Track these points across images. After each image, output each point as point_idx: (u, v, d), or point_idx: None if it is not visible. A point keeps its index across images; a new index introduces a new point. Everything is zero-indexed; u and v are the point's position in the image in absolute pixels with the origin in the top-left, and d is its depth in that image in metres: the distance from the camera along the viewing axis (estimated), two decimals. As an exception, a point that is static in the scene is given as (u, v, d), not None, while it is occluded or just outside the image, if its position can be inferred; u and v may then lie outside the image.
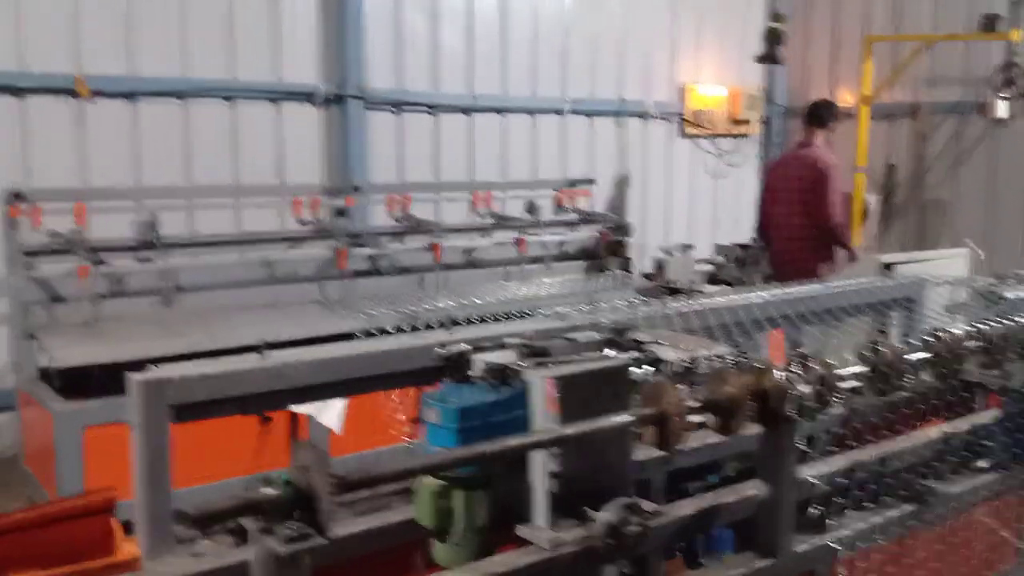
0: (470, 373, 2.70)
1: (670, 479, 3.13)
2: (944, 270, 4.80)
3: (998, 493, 3.24)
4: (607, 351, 2.76)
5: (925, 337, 3.12)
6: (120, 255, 4.93)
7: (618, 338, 2.83)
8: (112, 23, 6.30)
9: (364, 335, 3.34)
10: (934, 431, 3.32)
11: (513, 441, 2.36)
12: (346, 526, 2.76)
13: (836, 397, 2.70)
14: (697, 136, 9.41)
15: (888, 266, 5.22)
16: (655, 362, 2.81)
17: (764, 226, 6.84)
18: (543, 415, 2.48)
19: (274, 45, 6.95)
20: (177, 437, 2.73)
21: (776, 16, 7.61)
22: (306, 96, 7.07)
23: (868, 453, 2.99)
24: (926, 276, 4.34)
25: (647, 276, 7.11)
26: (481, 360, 2.70)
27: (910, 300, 4.22)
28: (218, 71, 6.72)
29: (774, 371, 2.53)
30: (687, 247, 7.31)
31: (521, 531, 2.48)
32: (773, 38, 7.63)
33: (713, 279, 7.16)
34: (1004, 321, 3.16)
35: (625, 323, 2.99)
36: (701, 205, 9.57)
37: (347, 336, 3.16)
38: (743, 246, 7.43)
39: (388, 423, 3.45)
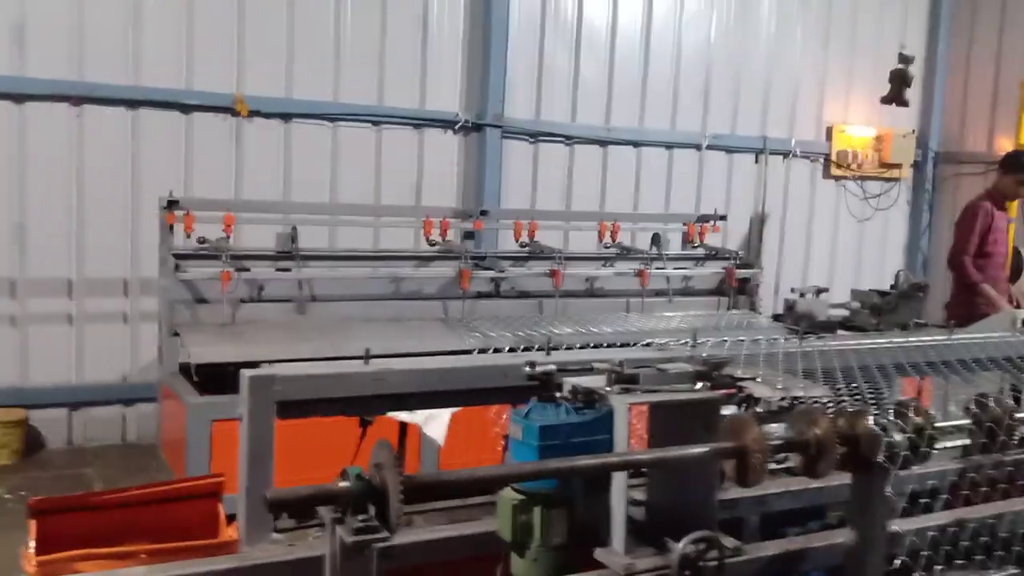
0: (558, 394, 2.76)
1: (771, 522, 3.08)
2: None
3: None
4: (698, 384, 2.76)
5: None
6: (261, 263, 5.26)
7: (711, 372, 2.82)
8: (273, 48, 6.77)
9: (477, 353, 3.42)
10: None
11: (584, 461, 2.41)
12: (429, 533, 2.87)
13: (934, 449, 2.61)
14: (843, 177, 9.15)
15: (1025, 322, 4.93)
16: (748, 399, 2.79)
17: None
18: (624, 440, 2.51)
19: (420, 74, 7.27)
20: (288, 439, 2.90)
21: (903, 58, 7.41)
22: (447, 123, 7.35)
23: (972, 513, 2.87)
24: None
25: (776, 317, 6.95)
26: (569, 382, 2.76)
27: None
28: (367, 97, 7.09)
29: (868, 417, 2.48)
30: (821, 290, 7.09)
31: (598, 554, 2.51)
32: (900, 80, 7.45)
33: (846, 324, 6.91)
34: None
35: (721, 358, 2.97)
36: (843, 248, 9.27)
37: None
38: (882, 292, 7.14)
39: (494, 439, 3.55)
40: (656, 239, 6.27)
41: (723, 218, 6.85)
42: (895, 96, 7.58)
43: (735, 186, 8.58)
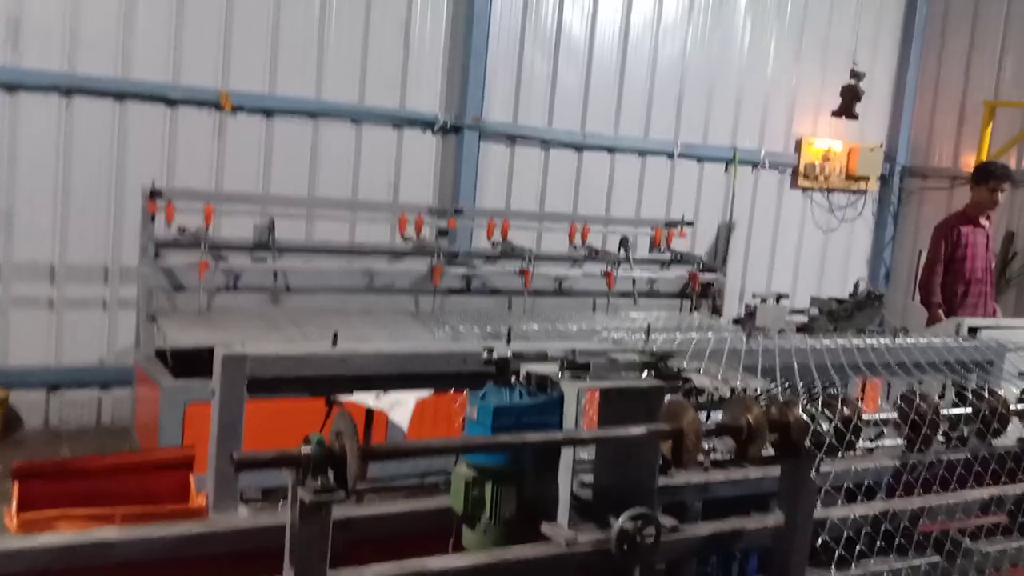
0: (513, 379, 2.97)
1: (716, 511, 3.27)
2: None
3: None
4: (644, 373, 2.97)
5: (968, 395, 3.19)
6: (238, 254, 5.44)
7: (657, 363, 3.03)
8: (258, 46, 6.96)
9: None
10: (979, 492, 3.37)
11: (530, 436, 2.63)
12: (386, 506, 3.07)
13: (860, 439, 2.81)
14: (810, 189, 9.42)
15: (973, 330, 5.17)
16: (691, 389, 3.00)
17: None
18: (572, 421, 2.72)
19: (401, 75, 7.47)
20: (259, 420, 3.08)
21: (854, 74, 7.73)
22: (426, 124, 7.55)
23: (902, 504, 3.08)
24: (1005, 341, 4.33)
25: (736, 321, 7.19)
26: (523, 368, 2.98)
27: (988, 363, 4.23)
28: (348, 95, 7.28)
29: (798, 407, 2.68)
30: (781, 296, 7.34)
31: (544, 527, 2.72)
32: (850, 94, 7.78)
33: (803, 330, 7.16)
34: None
35: (667, 351, 3.19)
36: (807, 257, 9.55)
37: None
38: (840, 300, 7.40)
39: (457, 426, 3.75)
40: (624, 242, 6.49)
41: (690, 224, 7.08)
42: (845, 109, 7.90)
43: (705, 194, 8.83)
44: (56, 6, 6.30)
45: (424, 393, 4.40)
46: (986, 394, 3.21)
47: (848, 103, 7.83)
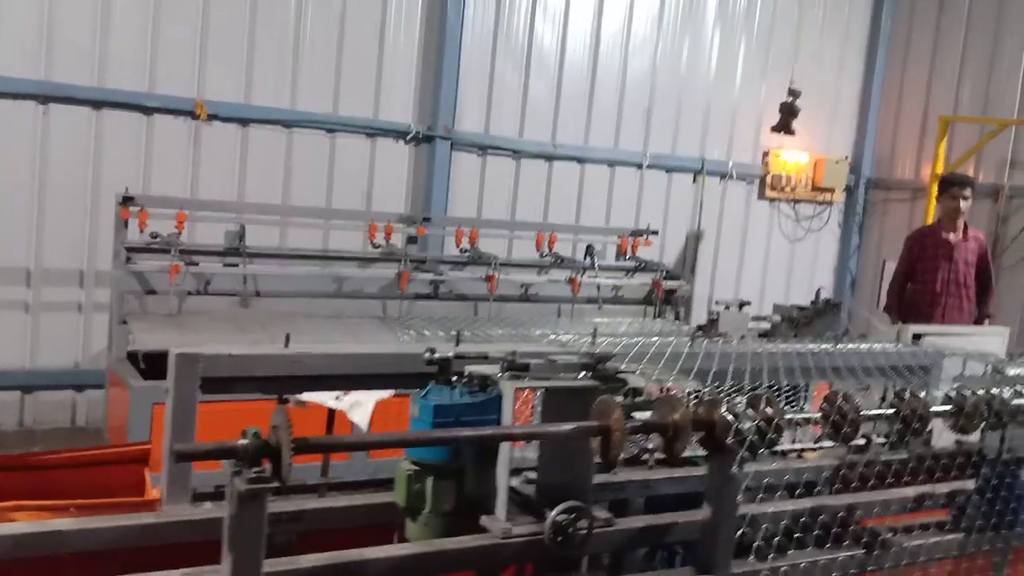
0: (458, 379, 3.14)
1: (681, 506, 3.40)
2: (981, 346, 4.93)
3: (962, 554, 3.42)
4: (581, 374, 3.14)
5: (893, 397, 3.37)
6: (209, 259, 5.60)
7: (595, 364, 3.20)
8: (234, 56, 7.13)
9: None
10: (907, 491, 3.55)
11: (464, 432, 2.80)
12: (334, 500, 3.22)
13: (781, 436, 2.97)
14: (777, 199, 9.63)
15: (917, 336, 5.36)
16: (630, 391, 3.16)
17: None
18: (509, 419, 2.88)
19: (375, 86, 7.66)
20: (213, 423, 3.22)
21: (791, 92, 7.96)
22: (399, 134, 7.73)
23: (831, 501, 3.25)
24: (943, 347, 4.52)
25: (700, 327, 7.37)
26: (465, 368, 3.15)
27: (926, 368, 4.41)
28: (322, 105, 7.46)
29: (722, 406, 2.85)
30: (744, 303, 7.54)
31: (483, 520, 2.89)
32: (788, 111, 8.04)
33: (765, 336, 7.35)
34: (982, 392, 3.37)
35: (606, 353, 3.35)
36: (775, 266, 9.76)
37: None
38: (801, 307, 7.60)
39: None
40: (589, 250, 6.67)
41: (654, 233, 7.26)
42: (783, 126, 8.13)
43: (673, 204, 9.03)
44: (32, 15, 6.45)
45: (384, 394, 4.54)
46: (907, 396, 3.39)
47: (786, 119, 8.07)
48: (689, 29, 9.00)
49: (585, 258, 6.64)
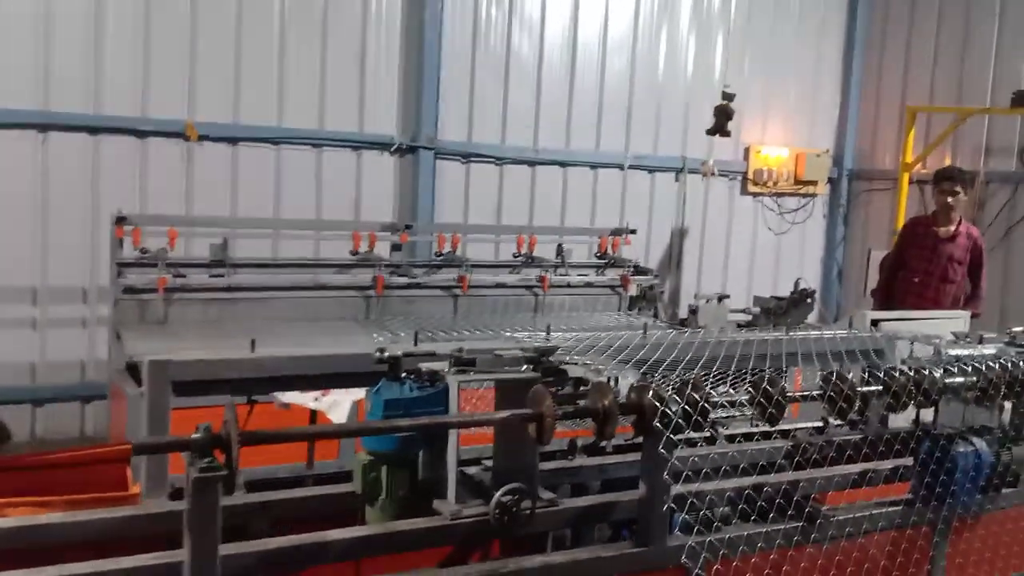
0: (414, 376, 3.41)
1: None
2: (942, 330, 5.14)
3: (898, 527, 3.65)
4: (524, 367, 3.39)
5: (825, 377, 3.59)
6: (196, 271, 5.91)
7: (539, 357, 3.45)
8: (222, 79, 7.44)
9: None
10: (853, 467, 3.78)
11: (402, 422, 3.08)
12: (299, 492, 3.48)
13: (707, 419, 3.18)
14: (760, 194, 9.85)
15: (875, 322, 5.57)
16: (575, 382, 3.40)
17: None
18: (455, 410, 3.15)
19: (359, 100, 7.96)
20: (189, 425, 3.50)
21: (726, 95, 8.17)
22: (384, 146, 8.03)
23: (769, 479, 3.46)
24: (896, 332, 4.72)
25: (682, 321, 7.61)
26: (415, 364, 3.43)
27: (880, 352, 4.61)
28: (308, 122, 7.77)
29: (650, 392, 3.09)
30: (723, 296, 7.77)
31: (435, 504, 3.17)
32: (722, 114, 8.26)
33: (745, 327, 7.57)
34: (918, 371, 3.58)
35: (549, 346, 3.60)
36: (761, 259, 9.97)
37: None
38: (779, 298, 7.82)
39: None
40: (560, 249, 6.93)
41: (633, 232, 7.49)
42: (719, 128, 8.35)
43: (657, 202, 9.27)
44: (30, 50, 6.79)
45: (361, 393, 4.80)
46: (834, 378, 3.62)
47: (721, 122, 8.27)
48: (665, 28, 9.23)
49: (557, 257, 6.90)
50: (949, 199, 7.09)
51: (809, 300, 7.49)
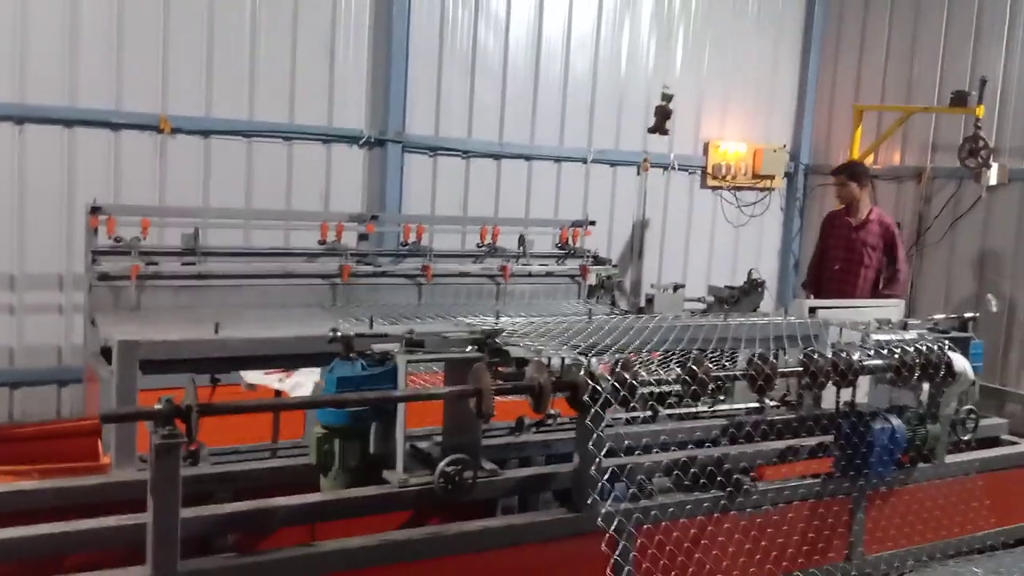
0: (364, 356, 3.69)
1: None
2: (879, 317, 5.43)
3: (819, 496, 3.96)
4: (469, 348, 3.67)
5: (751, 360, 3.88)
6: (169, 259, 6.18)
7: (484, 339, 3.73)
8: (194, 72, 7.67)
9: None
10: (777, 444, 4.09)
11: (349, 397, 3.37)
12: (260, 464, 3.75)
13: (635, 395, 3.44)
14: (718, 188, 10.19)
15: (812, 310, 5.89)
16: (517, 361, 3.68)
17: None
18: (403, 387, 3.43)
19: (328, 94, 8.20)
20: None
21: (665, 96, 8.54)
22: (353, 139, 8.29)
23: (702, 452, 3.77)
24: (828, 319, 5.00)
25: (640, 310, 7.96)
26: (368, 345, 3.71)
27: (815, 338, 4.90)
28: (279, 115, 8.01)
29: (582, 369, 3.36)
30: (678, 286, 8.13)
31: (385, 474, 3.45)
32: (662, 114, 8.63)
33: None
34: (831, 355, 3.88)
35: (493, 328, 3.88)
36: (720, 251, 10.30)
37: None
38: (732, 287, 8.17)
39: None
40: (521, 240, 7.24)
41: (592, 223, 7.80)
42: (658, 127, 8.71)
43: (619, 196, 9.58)
44: (6, 44, 6.99)
45: (321, 373, 5.04)
46: (756, 359, 3.92)
47: (660, 121, 8.61)
48: (627, 27, 9.52)
49: (519, 247, 7.20)
50: (839, 190, 7.88)
51: (760, 289, 7.85)
